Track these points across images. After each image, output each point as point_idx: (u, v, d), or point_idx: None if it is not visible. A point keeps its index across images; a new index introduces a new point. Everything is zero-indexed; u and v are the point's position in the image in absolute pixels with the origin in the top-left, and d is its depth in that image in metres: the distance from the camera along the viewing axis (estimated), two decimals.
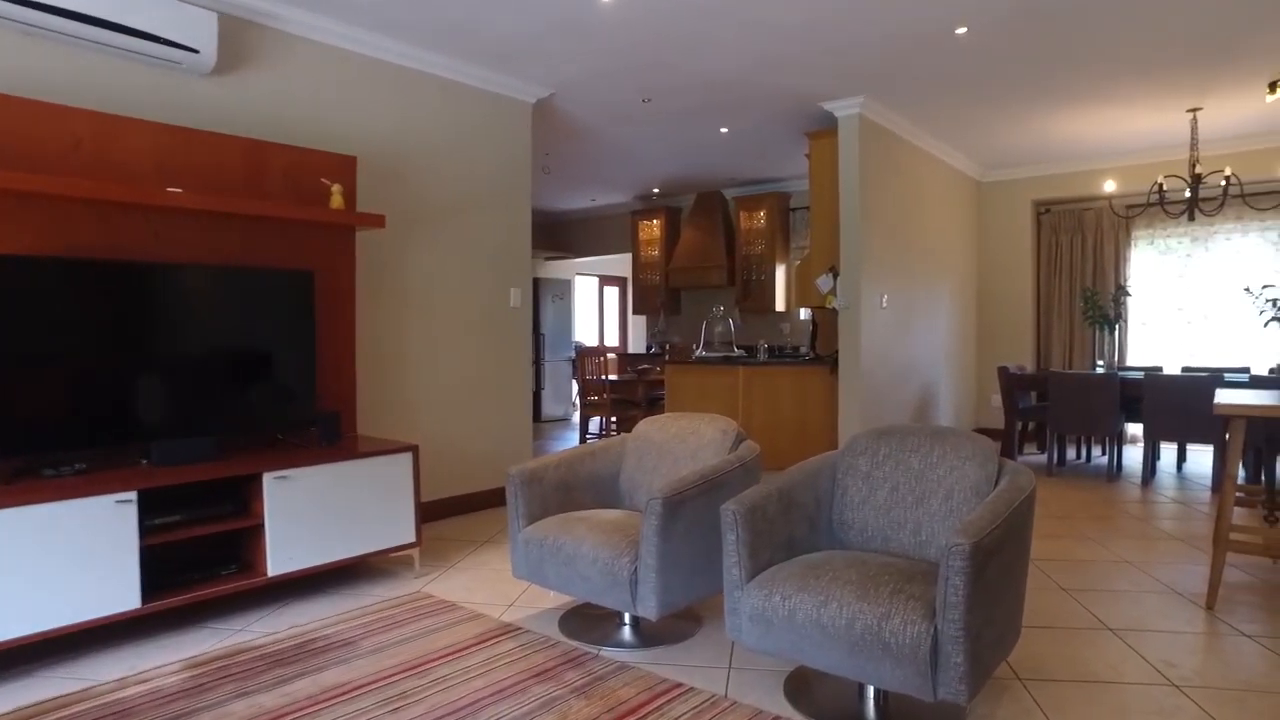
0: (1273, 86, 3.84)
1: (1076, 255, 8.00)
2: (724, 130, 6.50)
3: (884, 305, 6.03)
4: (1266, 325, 6.55)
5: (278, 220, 3.72)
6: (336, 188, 3.83)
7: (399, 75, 4.60)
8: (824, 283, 5.79)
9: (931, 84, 5.34)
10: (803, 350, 6.91)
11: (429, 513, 4.70)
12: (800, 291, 6.37)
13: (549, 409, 10.50)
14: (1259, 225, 7.20)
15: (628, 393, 7.54)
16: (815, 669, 2.41)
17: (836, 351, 5.75)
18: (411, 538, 3.70)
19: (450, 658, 2.78)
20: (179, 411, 3.27)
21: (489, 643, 2.92)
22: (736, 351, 6.36)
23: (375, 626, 3.09)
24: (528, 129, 5.42)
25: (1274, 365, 6.88)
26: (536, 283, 10.37)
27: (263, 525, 3.19)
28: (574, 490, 3.30)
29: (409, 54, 4.58)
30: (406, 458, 3.68)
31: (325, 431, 3.69)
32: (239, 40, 3.86)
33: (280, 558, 3.24)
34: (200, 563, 3.17)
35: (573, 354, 10.57)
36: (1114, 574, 3.75)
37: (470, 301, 5.05)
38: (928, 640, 2.00)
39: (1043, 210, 8.16)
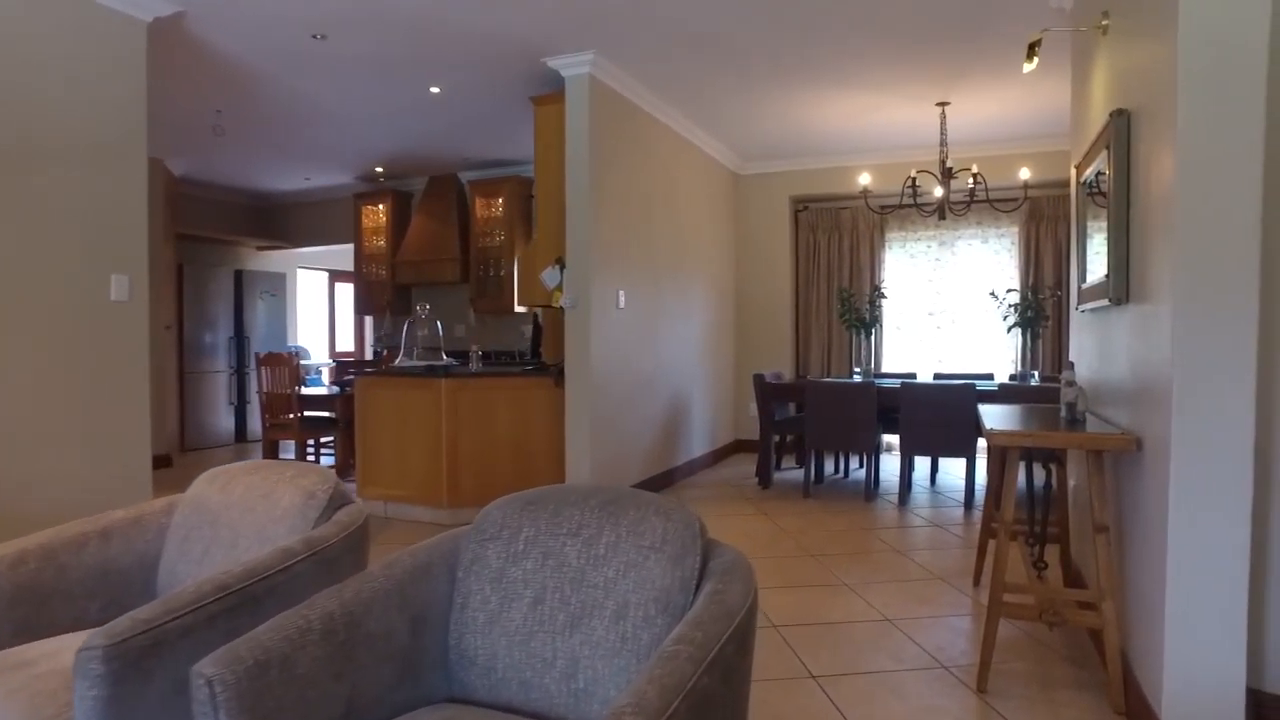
0: (1031, 52, 3.27)
1: (834, 255, 7.61)
2: (435, 90, 5.30)
3: (621, 305, 5.10)
4: (1010, 330, 6.43)
5: None
6: None
7: None
8: (550, 277, 4.75)
9: (669, 35, 4.44)
10: (528, 358, 5.87)
11: None
12: (525, 287, 5.30)
13: (258, 427, 8.75)
14: (996, 231, 7.26)
15: (326, 410, 6.11)
16: None
17: (564, 359, 4.74)
18: None
19: None
20: None
21: None
22: (444, 359, 5.16)
23: None
24: (141, 56, 3.91)
25: (1014, 372, 6.85)
26: (242, 275, 8.61)
27: None
28: (60, 600, 1.98)
29: None
30: None
31: None
32: None
33: None
34: None
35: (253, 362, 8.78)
36: (874, 642, 3.00)
37: (38, 291, 3.50)
38: None
39: (800, 207, 7.71)
